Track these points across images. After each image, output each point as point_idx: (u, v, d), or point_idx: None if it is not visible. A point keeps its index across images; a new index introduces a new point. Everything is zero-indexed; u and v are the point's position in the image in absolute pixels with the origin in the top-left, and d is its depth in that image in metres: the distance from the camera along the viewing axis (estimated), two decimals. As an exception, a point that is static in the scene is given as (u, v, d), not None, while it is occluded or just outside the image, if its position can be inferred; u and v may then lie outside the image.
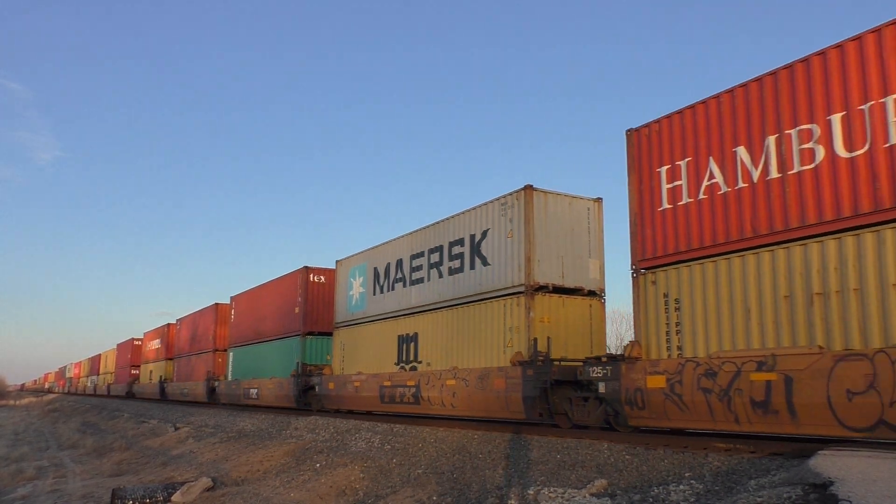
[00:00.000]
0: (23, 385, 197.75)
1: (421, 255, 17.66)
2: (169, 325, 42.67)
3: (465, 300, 15.62)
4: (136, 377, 50.68)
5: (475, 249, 15.53)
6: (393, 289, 18.82)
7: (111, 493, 14.04)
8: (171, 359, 41.23)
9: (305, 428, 18.85)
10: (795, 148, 9.41)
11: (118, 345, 58.35)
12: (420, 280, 17.56)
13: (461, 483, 11.04)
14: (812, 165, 9.22)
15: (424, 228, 17.70)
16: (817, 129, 9.18)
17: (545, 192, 14.29)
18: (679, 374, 10.29)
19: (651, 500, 8.26)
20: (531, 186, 14.07)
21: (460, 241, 16.13)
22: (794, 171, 9.43)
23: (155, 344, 45.59)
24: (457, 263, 16.14)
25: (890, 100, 8.41)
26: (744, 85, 10.31)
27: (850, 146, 8.80)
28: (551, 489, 9.30)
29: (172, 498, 13.86)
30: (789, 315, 9.24)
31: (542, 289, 13.82)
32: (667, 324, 10.98)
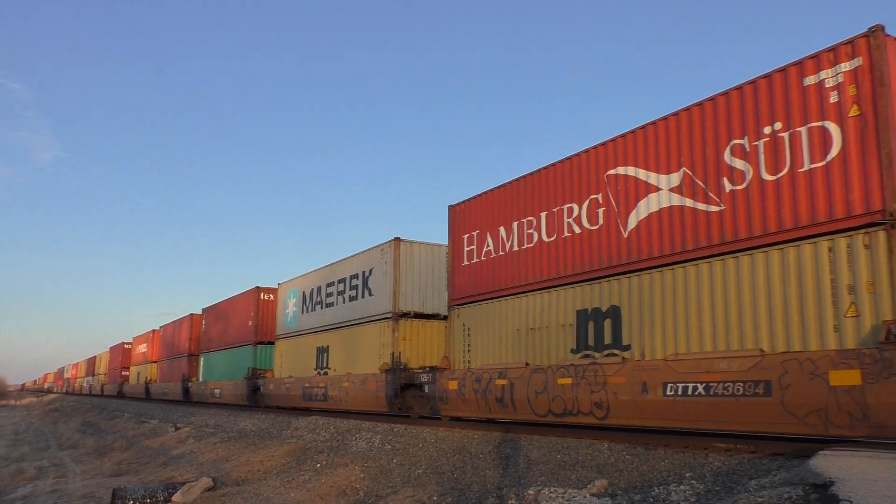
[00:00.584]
0: (23, 385, 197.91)
1: (332, 284, 22.33)
2: (154, 331, 46.29)
3: (357, 321, 20.19)
4: (126, 378, 54.32)
5: (365, 283, 20.10)
6: (314, 309, 23.41)
7: (111, 493, 14.05)
8: (155, 362, 45.34)
9: (306, 428, 18.86)
10: (525, 231, 14.14)
11: (111, 348, 62.27)
12: (331, 304, 22.17)
13: (461, 483, 11.05)
14: (532, 244, 13.87)
15: (333, 264, 22.40)
16: (535, 221, 13.96)
17: (410, 242, 18.82)
18: (464, 379, 14.75)
19: (651, 500, 8.26)
20: (399, 238, 18.68)
21: (356, 276, 20.76)
22: (525, 247, 14.12)
23: (143, 348, 49.39)
24: (353, 293, 20.77)
25: (566, 207, 13.13)
26: (505, 185, 14.86)
27: (552, 233, 13.43)
28: (551, 489, 9.30)
29: (173, 498, 13.86)
30: (528, 341, 13.63)
31: (405, 315, 18.33)
32: (463, 344, 15.58)
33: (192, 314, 37.22)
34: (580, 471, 10.07)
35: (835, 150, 8.98)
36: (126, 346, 55.48)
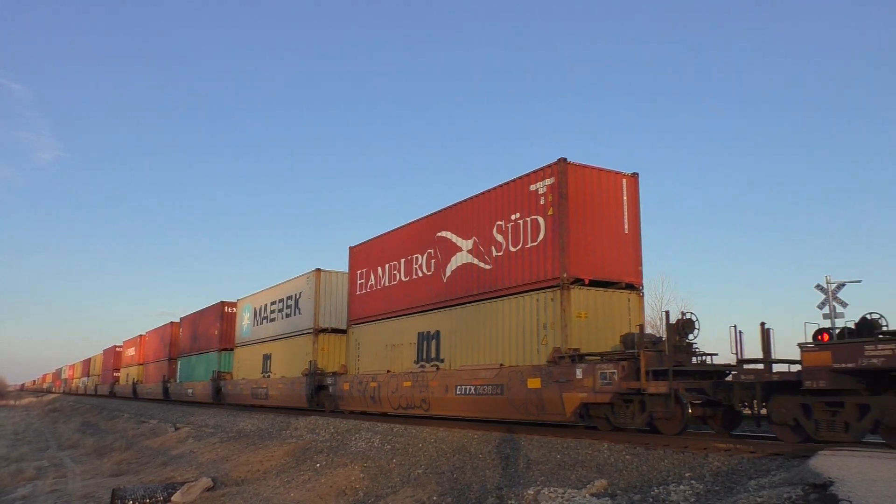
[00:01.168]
0: (23, 385, 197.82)
1: (274, 302, 27.16)
2: (141, 336, 50.77)
3: (291, 334, 24.94)
4: (117, 379, 58.51)
5: (296, 303, 24.93)
6: (262, 323, 28.25)
7: (111, 493, 14.05)
8: (141, 364, 49.93)
9: (305, 428, 18.86)
10: (391, 272, 19.00)
11: (104, 350, 67.17)
12: (274, 319, 27.05)
13: (461, 483, 11.05)
14: (395, 282, 18.74)
15: (276, 286, 27.14)
16: (398, 264, 18.71)
17: (329, 272, 23.89)
18: (352, 382, 19.87)
19: (651, 500, 8.26)
20: (319, 269, 23.76)
21: (290, 297, 25.55)
22: (392, 284, 18.88)
23: (131, 351, 54.46)
24: (289, 311, 25.51)
25: (414, 256, 18.09)
26: (382, 236, 19.81)
27: (407, 275, 18.21)
28: (551, 489, 9.29)
29: (172, 498, 13.86)
30: (391, 354, 18.41)
31: (324, 330, 23.27)
32: (355, 354, 20.54)
33: (171, 322, 42.39)
34: (580, 471, 10.07)
35: (541, 236, 13.39)
36: (118, 349, 59.63)
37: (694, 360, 11.86)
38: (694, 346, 11.88)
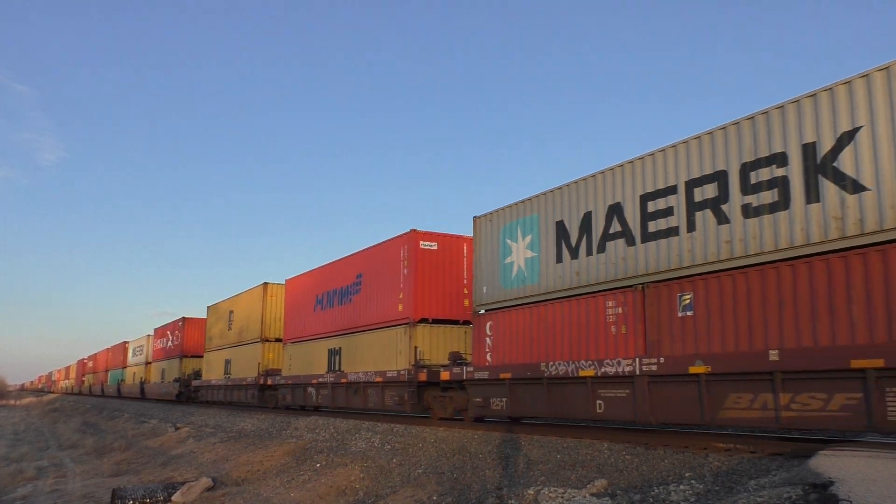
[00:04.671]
0: (22, 385, 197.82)
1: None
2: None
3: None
4: (83, 382, 77.21)
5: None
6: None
7: (111, 493, 14.04)
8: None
9: (305, 428, 18.85)
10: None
11: (78, 360, 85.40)
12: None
13: (461, 483, 11.04)
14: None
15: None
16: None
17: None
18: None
19: (651, 500, 8.26)
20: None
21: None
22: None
23: (100, 361, 67.37)
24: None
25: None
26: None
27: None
28: (551, 489, 9.29)
29: (173, 498, 13.85)
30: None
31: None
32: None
33: (124, 342, 55.03)
34: (580, 471, 10.07)
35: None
36: (85, 360, 78.24)
37: None
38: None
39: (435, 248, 17.76)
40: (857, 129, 8.76)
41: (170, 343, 40.92)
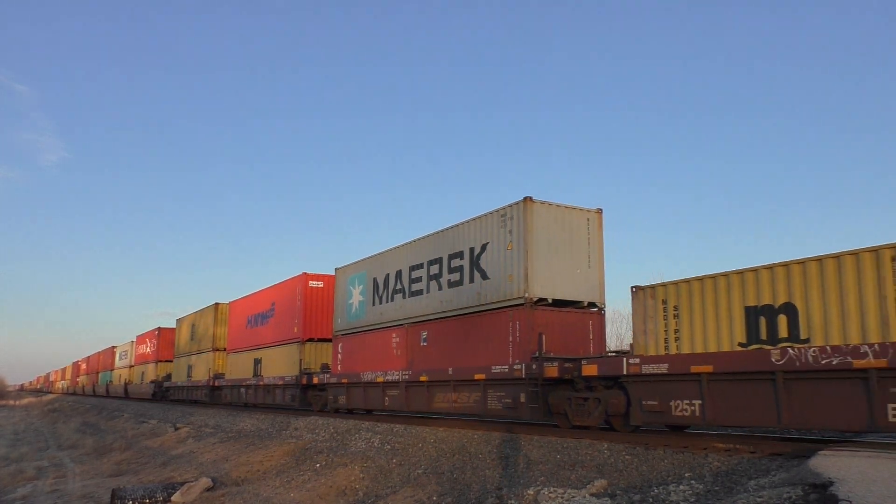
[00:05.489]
0: (22, 385, 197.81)
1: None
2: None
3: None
4: (78, 382, 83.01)
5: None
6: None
7: (111, 494, 14.04)
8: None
9: (305, 428, 18.85)
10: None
11: (73, 362, 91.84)
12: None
13: (461, 483, 11.04)
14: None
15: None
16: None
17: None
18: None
19: (651, 500, 8.26)
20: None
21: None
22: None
23: (91, 364, 73.24)
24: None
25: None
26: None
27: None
28: (551, 489, 9.29)
29: (172, 498, 13.85)
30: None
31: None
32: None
33: (112, 347, 60.65)
34: (580, 471, 10.06)
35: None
36: (79, 362, 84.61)
37: None
38: None
39: (321, 285, 23.97)
40: (486, 244, 15.24)
41: (148, 349, 46.71)
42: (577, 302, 14.65)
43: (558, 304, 14.36)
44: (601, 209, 15.23)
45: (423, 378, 16.61)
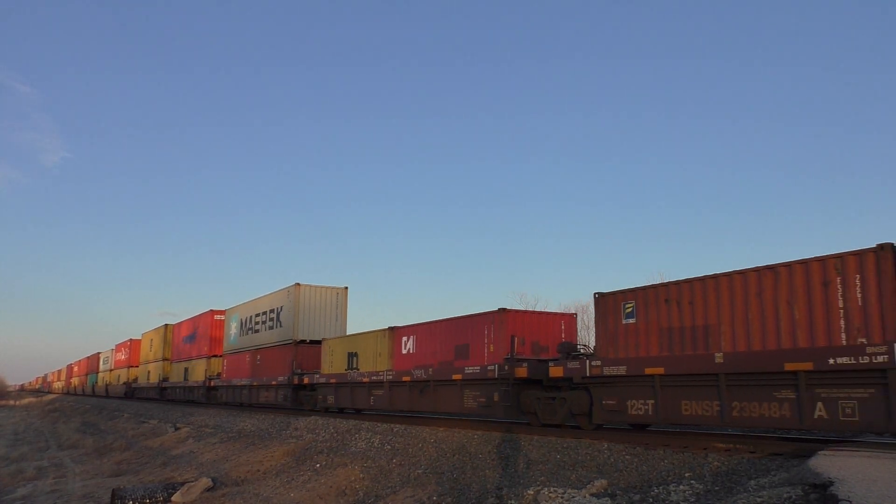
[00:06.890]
0: (22, 385, 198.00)
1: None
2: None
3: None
4: (72, 383, 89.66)
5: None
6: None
7: (111, 493, 14.04)
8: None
9: (305, 428, 18.85)
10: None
11: (68, 364, 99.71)
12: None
13: (461, 483, 11.04)
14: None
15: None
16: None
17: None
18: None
19: (651, 500, 8.26)
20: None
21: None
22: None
23: (82, 367, 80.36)
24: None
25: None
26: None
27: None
28: (551, 489, 9.29)
29: (172, 498, 13.85)
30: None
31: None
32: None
33: (98, 352, 67.77)
34: (580, 471, 10.07)
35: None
36: (73, 365, 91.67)
37: None
38: None
39: (223, 318, 34.66)
40: (282, 307, 27.58)
41: (123, 356, 55.59)
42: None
43: (314, 342, 25.57)
44: (347, 287, 27.89)
45: (255, 384, 29.07)
